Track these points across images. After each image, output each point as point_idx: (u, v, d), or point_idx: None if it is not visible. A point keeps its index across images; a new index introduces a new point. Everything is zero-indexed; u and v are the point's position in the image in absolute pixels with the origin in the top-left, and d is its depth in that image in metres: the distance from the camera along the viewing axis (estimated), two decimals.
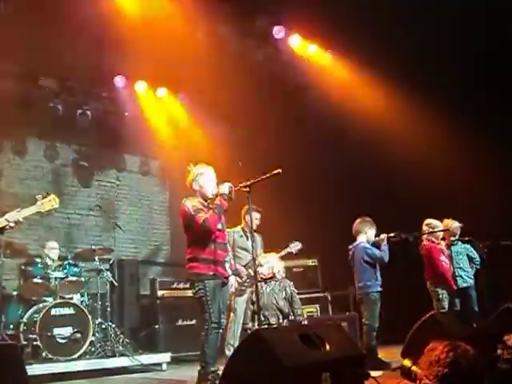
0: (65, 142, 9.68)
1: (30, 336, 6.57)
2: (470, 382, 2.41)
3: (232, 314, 6.86)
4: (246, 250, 6.95)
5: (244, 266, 6.90)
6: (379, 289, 6.44)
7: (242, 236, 7.03)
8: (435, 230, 6.87)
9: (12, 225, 4.32)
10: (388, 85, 8.27)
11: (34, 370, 5.76)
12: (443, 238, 7.01)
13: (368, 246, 6.52)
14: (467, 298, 7.02)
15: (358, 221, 6.68)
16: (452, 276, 6.81)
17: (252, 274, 6.64)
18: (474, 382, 2.43)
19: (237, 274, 6.86)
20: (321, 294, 8.71)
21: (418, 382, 2.52)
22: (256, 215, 6.82)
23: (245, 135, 9.29)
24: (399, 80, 8.00)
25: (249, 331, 6.01)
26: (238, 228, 7.09)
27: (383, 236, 6.48)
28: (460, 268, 7.03)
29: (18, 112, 8.57)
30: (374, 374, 4.05)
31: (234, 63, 8.67)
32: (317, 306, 8.58)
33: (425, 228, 6.94)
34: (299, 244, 7.23)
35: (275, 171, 4.75)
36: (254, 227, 6.58)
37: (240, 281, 6.88)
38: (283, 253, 7.13)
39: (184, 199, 5.23)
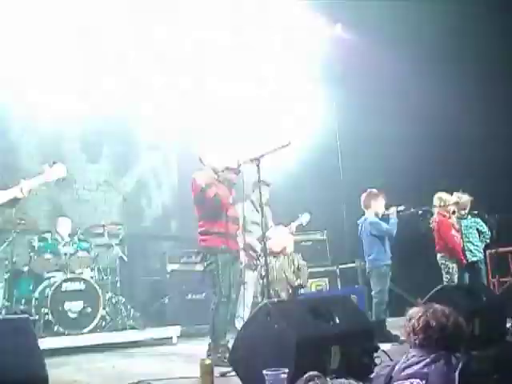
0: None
1: (42, 310, 6.62)
2: (445, 338, 2.45)
3: (242, 288, 6.89)
4: (256, 223, 6.95)
5: (257, 240, 6.91)
6: (388, 262, 6.42)
7: (252, 210, 7.03)
8: (446, 203, 6.85)
9: (26, 194, 4.32)
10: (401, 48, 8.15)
11: (46, 343, 5.81)
12: (454, 212, 6.98)
13: (375, 219, 6.49)
14: (476, 271, 7.02)
15: (364, 195, 6.63)
16: (462, 250, 6.80)
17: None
18: (450, 337, 2.46)
19: (249, 247, 6.87)
20: (329, 268, 8.73)
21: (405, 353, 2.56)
22: (265, 189, 6.80)
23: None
24: (411, 55, 7.91)
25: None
26: (248, 202, 7.08)
27: (393, 209, 6.44)
28: (469, 242, 7.02)
29: None
30: (383, 346, 4.07)
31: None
32: (325, 279, 8.61)
33: (436, 202, 6.91)
34: (308, 215, 7.23)
35: (285, 143, 4.72)
36: (264, 201, 6.60)
37: (253, 254, 6.89)
38: (294, 225, 7.13)
39: (194, 173, 5.22)
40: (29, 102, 8.37)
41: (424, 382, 2.30)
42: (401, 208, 6.43)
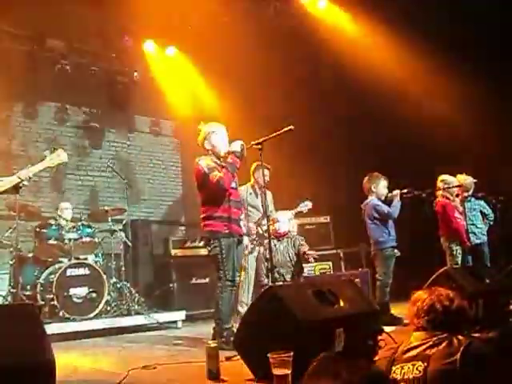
0: (75, 104, 9.64)
1: (47, 296, 6.66)
2: (448, 320, 2.47)
3: (243, 272, 6.91)
4: (255, 207, 6.96)
5: (254, 224, 6.92)
6: (393, 244, 6.42)
7: (251, 193, 7.02)
8: (449, 186, 6.84)
9: (26, 183, 4.33)
10: (401, 38, 8.09)
11: (52, 328, 5.85)
12: (457, 195, 6.98)
13: (377, 202, 6.48)
14: (480, 254, 7.03)
15: (365, 179, 6.62)
16: (465, 232, 6.80)
17: (261, 231, 6.70)
18: (453, 320, 2.48)
19: (247, 231, 6.90)
20: (333, 251, 8.75)
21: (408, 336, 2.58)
22: (265, 172, 6.80)
23: (255, 93, 9.18)
24: (412, 33, 7.83)
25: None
26: (248, 185, 7.08)
27: (396, 192, 6.43)
28: (473, 224, 7.02)
29: (27, 75, 8.56)
30: (386, 329, 4.09)
31: (244, 19, 8.54)
32: (329, 262, 8.63)
33: (439, 184, 6.90)
34: (309, 203, 7.23)
35: (287, 128, 4.72)
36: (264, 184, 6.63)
37: (250, 238, 6.92)
38: (294, 212, 7.14)
39: (197, 158, 5.22)
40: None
41: (426, 364, 2.32)
42: (404, 191, 6.42)
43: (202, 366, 3.70)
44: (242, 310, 6.57)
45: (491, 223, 7.17)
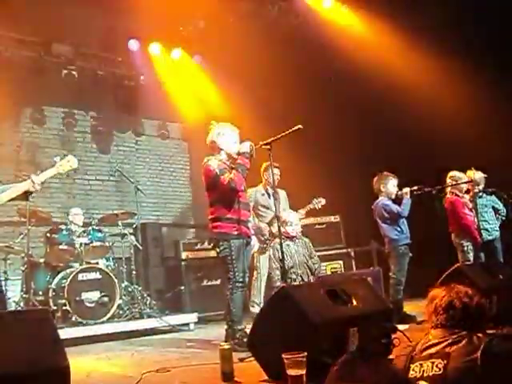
0: (82, 108, 9.68)
1: (59, 301, 6.68)
2: (468, 318, 2.45)
3: (255, 272, 6.91)
4: (267, 208, 6.96)
5: (267, 224, 6.92)
6: (407, 241, 6.37)
7: (263, 194, 7.03)
8: (458, 182, 6.79)
9: (38, 187, 4.34)
10: (410, 39, 8.04)
11: (65, 333, 5.86)
12: (467, 191, 6.93)
13: (386, 202, 6.44)
14: (492, 250, 6.96)
15: (375, 179, 6.59)
16: (477, 228, 6.76)
17: (273, 231, 6.69)
18: (473, 317, 2.46)
19: (259, 231, 6.89)
20: (344, 250, 8.70)
21: (425, 334, 2.55)
22: (275, 171, 6.80)
23: (262, 93, 9.18)
24: (420, 34, 7.79)
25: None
26: (260, 186, 7.09)
27: (406, 190, 6.40)
28: (485, 221, 6.95)
29: (35, 81, 8.60)
30: (400, 327, 4.06)
31: (248, 20, 8.53)
32: (340, 262, 8.59)
33: (448, 181, 6.86)
34: (322, 200, 7.22)
35: (296, 127, 4.70)
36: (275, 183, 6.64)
37: (262, 238, 6.92)
38: (306, 209, 7.14)
39: (206, 158, 5.20)
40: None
41: (445, 362, 2.30)
42: (414, 188, 6.39)
43: (216, 367, 3.69)
44: (255, 310, 6.57)
45: (504, 218, 7.11)
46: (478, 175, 6.99)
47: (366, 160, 8.72)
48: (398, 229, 6.36)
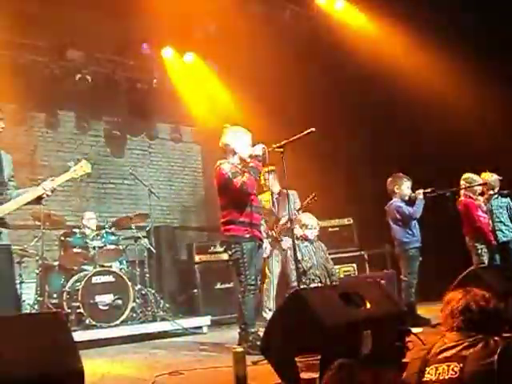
0: (95, 112, 9.73)
1: (73, 304, 6.71)
2: (484, 321, 2.43)
3: (267, 279, 6.91)
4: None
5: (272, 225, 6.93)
6: (417, 245, 6.37)
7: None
8: (472, 184, 6.75)
9: (49, 193, 4.38)
10: (422, 40, 8.00)
11: (79, 336, 5.89)
12: (481, 193, 6.88)
13: (399, 203, 6.43)
14: (508, 252, 6.91)
15: (389, 180, 6.59)
16: (491, 231, 6.71)
17: (275, 234, 6.76)
18: (490, 321, 2.44)
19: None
20: (357, 253, 8.67)
21: (440, 337, 2.53)
22: (271, 175, 6.89)
23: (275, 96, 9.18)
24: (431, 35, 7.75)
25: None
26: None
27: (419, 191, 6.38)
28: (500, 222, 6.91)
29: (48, 85, 8.67)
30: (414, 330, 4.04)
31: (261, 24, 8.53)
32: (354, 264, 8.55)
33: (462, 183, 6.82)
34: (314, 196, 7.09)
35: (308, 130, 4.70)
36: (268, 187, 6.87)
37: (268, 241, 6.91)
38: (302, 208, 7.04)
39: (219, 162, 5.21)
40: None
41: (461, 365, 2.28)
42: (428, 190, 6.36)
43: (229, 371, 3.68)
44: (267, 316, 6.55)
45: None
46: (493, 177, 6.95)
47: (379, 161, 8.69)
48: (410, 232, 6.35)
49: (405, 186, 6.48)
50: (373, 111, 9.08)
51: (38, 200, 4.44)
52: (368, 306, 3.66)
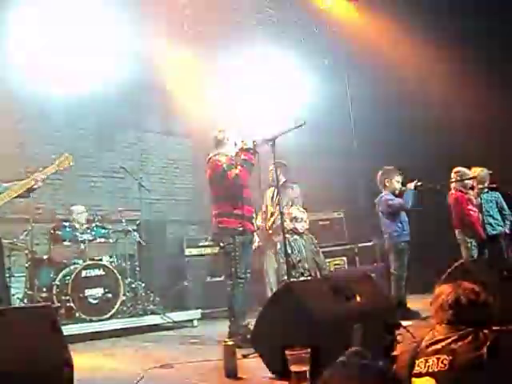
0: (85, 104, 9.64)
1: (63, 298, 6.68)
2: (474, 315, 2.44)
3: (267, 275, 6.95)
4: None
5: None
6: (407, 238, 6.40)
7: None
8: (463, 178, 6.77)
9: (40, 184, 4.42)
10: (429, 40, 8.00)
11: (69, 330, 5.87)
12: (472, 187, 6.90)
13: (390, 197, 6.46)
14: (497, 245, 6.94)
15: (379, 173, 6.61)
16: (481, 224, 6.74)
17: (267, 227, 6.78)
18: (479, 314, 2.45)
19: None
20: (347, 247, 8.70)
21: (429, 330, 2.54)
22: (286, 169, 6.89)
23: (267, 89, 9.17)
24: (430, 29, 7.76)
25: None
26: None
27: (410, 185, 6.40)
28: (490, 216, 6.95)
29: None
30: (404, 323, 4.06)
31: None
32: (344, 258, 8.58)
33: (453, 176, 6.84)
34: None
35: (299, 123, 4.70)
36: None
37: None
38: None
39: (213, 153, 5.22)
40: (42, 90, 8.39)
41: (451, 358, 2.29)
42: (419, 183, 6.38)
43: (220, 364, 3.70)
44: None
45: (508, 217, 7.08)
46: (484, 172, 6.97)
47: (370, 155, 8.69)
48: (399, 225, 6.39)
49: (395, 180, 6.50)
50: (367, 103, 9.09)
51: (28, 192, 4.45)
52: (358, 299, 3.67)
